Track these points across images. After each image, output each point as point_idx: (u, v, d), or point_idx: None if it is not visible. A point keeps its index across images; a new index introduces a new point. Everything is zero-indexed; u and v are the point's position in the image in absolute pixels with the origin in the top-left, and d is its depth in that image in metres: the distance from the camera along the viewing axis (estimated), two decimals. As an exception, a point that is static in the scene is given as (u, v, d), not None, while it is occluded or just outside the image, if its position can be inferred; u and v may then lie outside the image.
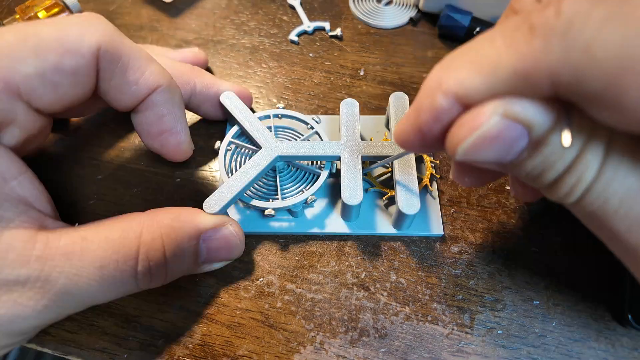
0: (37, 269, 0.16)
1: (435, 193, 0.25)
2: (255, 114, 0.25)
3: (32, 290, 0.16)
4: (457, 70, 0.13)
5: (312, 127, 0.25)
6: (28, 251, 0.16)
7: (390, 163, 0.23)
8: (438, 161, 0.26)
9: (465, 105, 0.13)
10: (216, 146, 0.25)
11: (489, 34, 0.13)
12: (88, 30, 0.19)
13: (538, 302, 0.22)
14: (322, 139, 0.25)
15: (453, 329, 0.21)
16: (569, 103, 0.12)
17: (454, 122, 0.13)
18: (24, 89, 0.18)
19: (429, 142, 0.14)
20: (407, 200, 0.21)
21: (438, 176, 0.25)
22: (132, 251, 0.18)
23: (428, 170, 0.25)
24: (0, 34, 0.18)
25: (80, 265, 0.17)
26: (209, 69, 0.31)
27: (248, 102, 0.28)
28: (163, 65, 0.22)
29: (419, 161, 0.26)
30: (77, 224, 0.19)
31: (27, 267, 0.16)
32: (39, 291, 0.16)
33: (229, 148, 0.25)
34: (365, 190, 0.25)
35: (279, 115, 0.26)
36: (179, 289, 0.22)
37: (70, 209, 0.25)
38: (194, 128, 0.28)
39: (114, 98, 0.21)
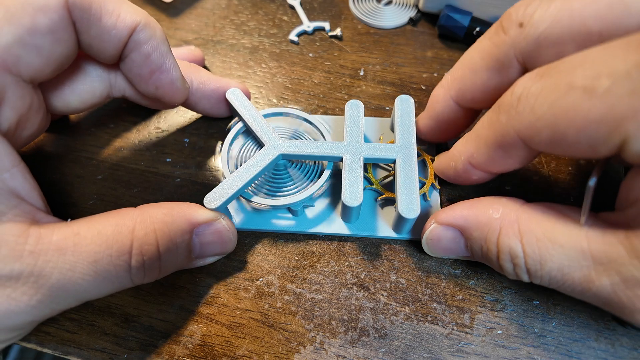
0: (30, 264, 0.16)
1: (436, 202, 0.25)
2: (265, 110, 0.26)
3: (26, 285, 0.16)
4: (467, 146, 0.20)
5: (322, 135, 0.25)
6: (20, 246, 0.16)
7: (392, 165, 0.23)
8: None
9: (474, 166, 0.20)
10: (217, 148, 0.25)
11: (482, 118, 0.19)
12: None
13: (538, 302, 0.22)
14: (323, 137, 0.25)
15: (453, 329, 0.21)
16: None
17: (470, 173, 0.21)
18: (9, 60, 0.18)
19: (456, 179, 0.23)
20: (408, 205, 0.21)
21: (439, 187, 0.25)
22: (125, 246, 0.18)
23: (430, 179, 0.25)
24: None
25: (74, 261, 0.17)
26: (208, 69, 0.31)
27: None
28: None
29: (425, 168, 0.26)
30: (69, 220, 0.19)
31: (20, 262, 0.16)
32: (32, 286, 0.16)
33: (232, 144, 0.25)
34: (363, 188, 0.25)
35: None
36: (179, 289, 0.22)
37: (70, 209, 0.25)
38: (193, 128, 0.28)
39: (99, 49, 0.21)
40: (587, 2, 0.16)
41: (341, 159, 0.23)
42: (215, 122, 0.28)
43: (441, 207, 0.24)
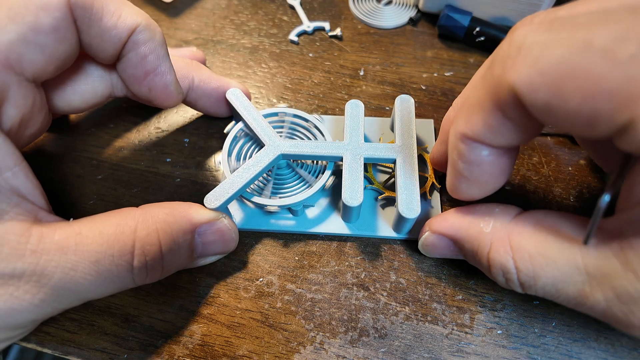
0: (32, 263, 0.16)
1: (437, 202, 0.24)
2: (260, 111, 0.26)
3: (29, 284, 0.16)
4: (459, 117, 0.18)
5: (316, 127, 0.25)
6: (22, 245, 0.16)
7: (392, 165, 0.23)
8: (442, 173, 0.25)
9: (472, 138, 0.17)
10: (226, 130, 0.25)
11: (477, 83, 0.17)
12: None
13: (538, 302, 0.22)
14: (323, 136, 0.25)
15: (453, 329, 0.21)
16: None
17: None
18: (13, 58, 0.18)
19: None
20: (408, 205, 0.21)
21: (439, 186, 0.25)
22: (127, 246, 0.18)
23: (430, 179, 0.25)
24: None
25: (76, 260, 0.17)
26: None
27: None
28: None
29: (425, 168, 0.26)
30: (71, 219, 0.19)
31: (22, 261, 0.16)
32: (35, 285, 0.16)
33: (232, 144, 0.25)
34: (364, 188, 0.25)
35: (279, 114, 0.26)
36: (179, 289, 0.22)
37: (70, 209, 0.25)
38: (193, 128, 0.28)
39: (98, 49, 0.21)
40: None
41: (341, 159, 0.23)
42: (215, 122, 0.28)
43: (441, 207, 0.24)
